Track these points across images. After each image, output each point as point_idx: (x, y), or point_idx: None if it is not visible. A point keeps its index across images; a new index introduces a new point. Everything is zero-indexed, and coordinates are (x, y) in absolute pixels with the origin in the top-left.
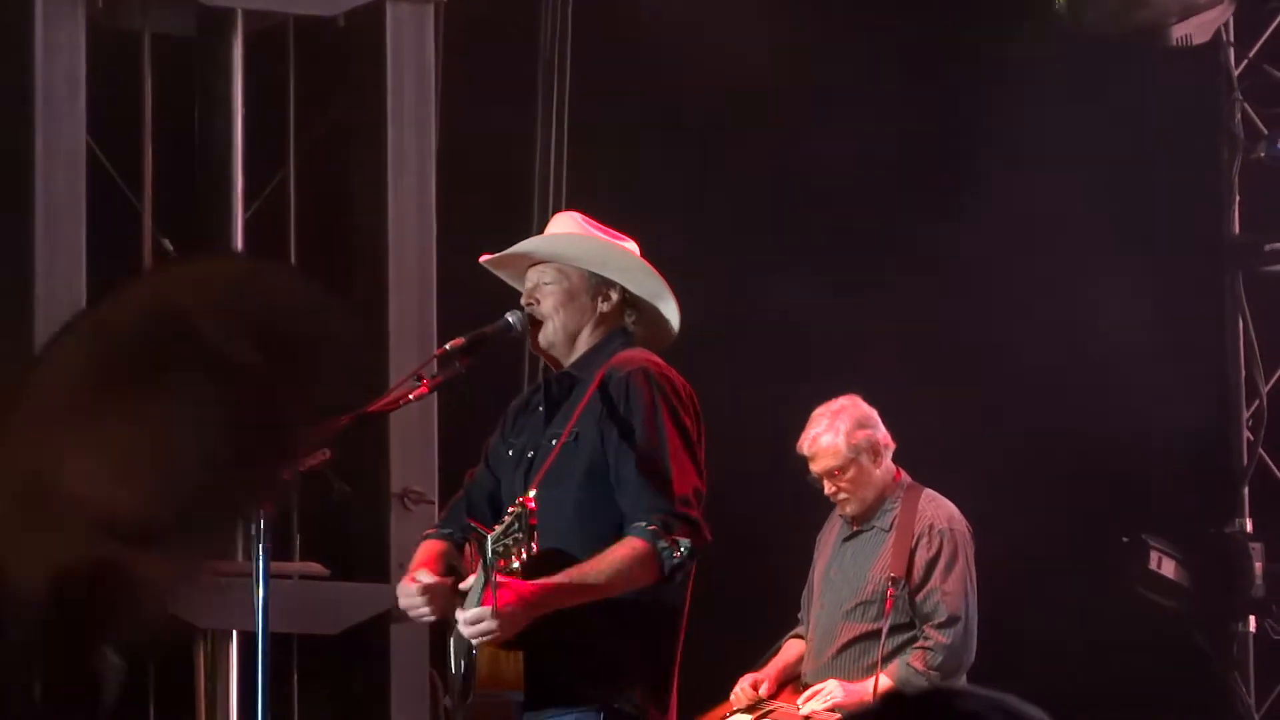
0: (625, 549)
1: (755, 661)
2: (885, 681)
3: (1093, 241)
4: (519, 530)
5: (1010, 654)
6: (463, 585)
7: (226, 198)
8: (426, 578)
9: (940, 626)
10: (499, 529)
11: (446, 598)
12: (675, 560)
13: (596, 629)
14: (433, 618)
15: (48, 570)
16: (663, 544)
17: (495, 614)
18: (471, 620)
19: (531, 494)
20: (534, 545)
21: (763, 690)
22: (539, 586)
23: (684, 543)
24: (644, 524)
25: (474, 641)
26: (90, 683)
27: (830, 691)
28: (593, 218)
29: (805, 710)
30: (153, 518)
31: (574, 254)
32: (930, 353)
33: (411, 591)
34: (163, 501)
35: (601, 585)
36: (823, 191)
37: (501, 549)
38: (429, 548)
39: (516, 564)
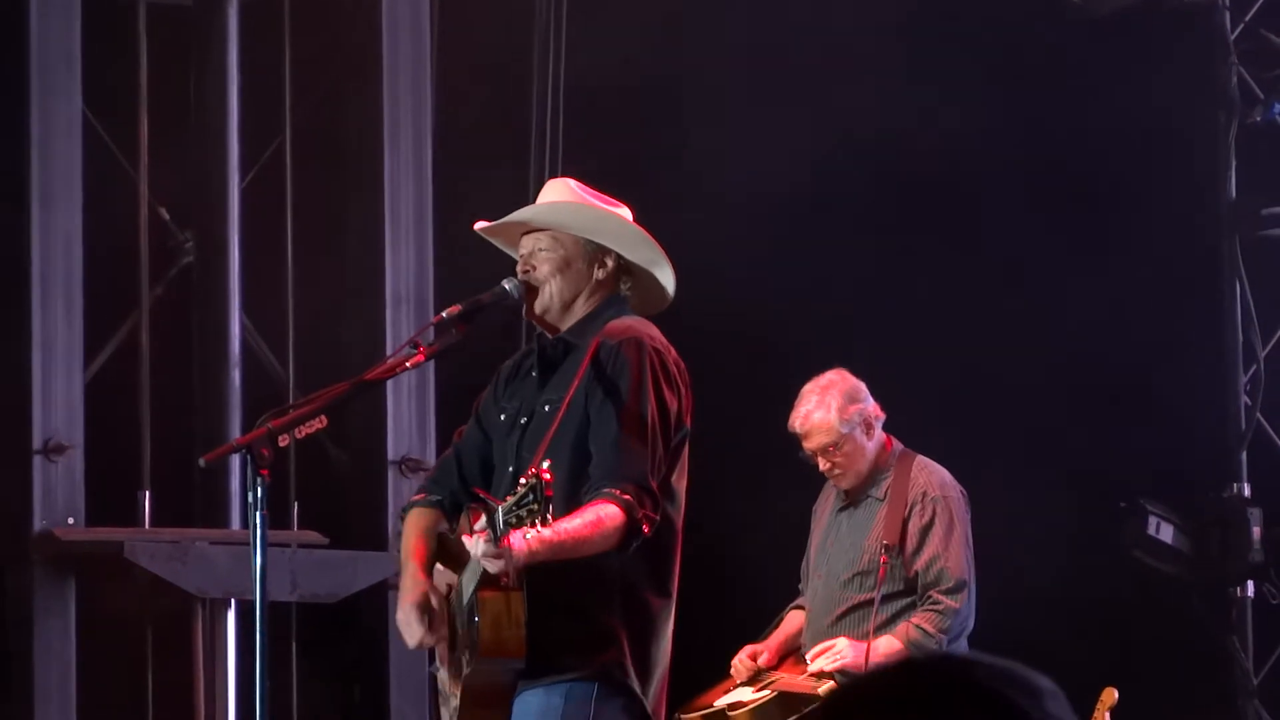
0: (605, 512)
1: (756, 636)
2: (892, 643)
3: (1089, 206)
4: (534, 501)
5: (1008, 620)
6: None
7: (223, 167)
8: (432, 602)
9: (949, 592)
10: (511, 500)
11: (442, 628)
12: (643, 534)
13: (588, 596)
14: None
15: None
16: (636, 515)
17: (508, 551)
18: (489, 553)
19: (546, 465)
20: (549, 516)
21: (762, 660)
22: (539, 536)
23: (654, 518)
24: (618, 490)
25: (483, 564)
26: None
27: (839, 651)
28: (588, 183)
29: (814, 667)
30: None
31: (569, 221)
32: (923, 317)
33: (415, 628)
34: None
35: (584, 544)
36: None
37: (515, 520)
38: (418, 524)
39: (531, 534)
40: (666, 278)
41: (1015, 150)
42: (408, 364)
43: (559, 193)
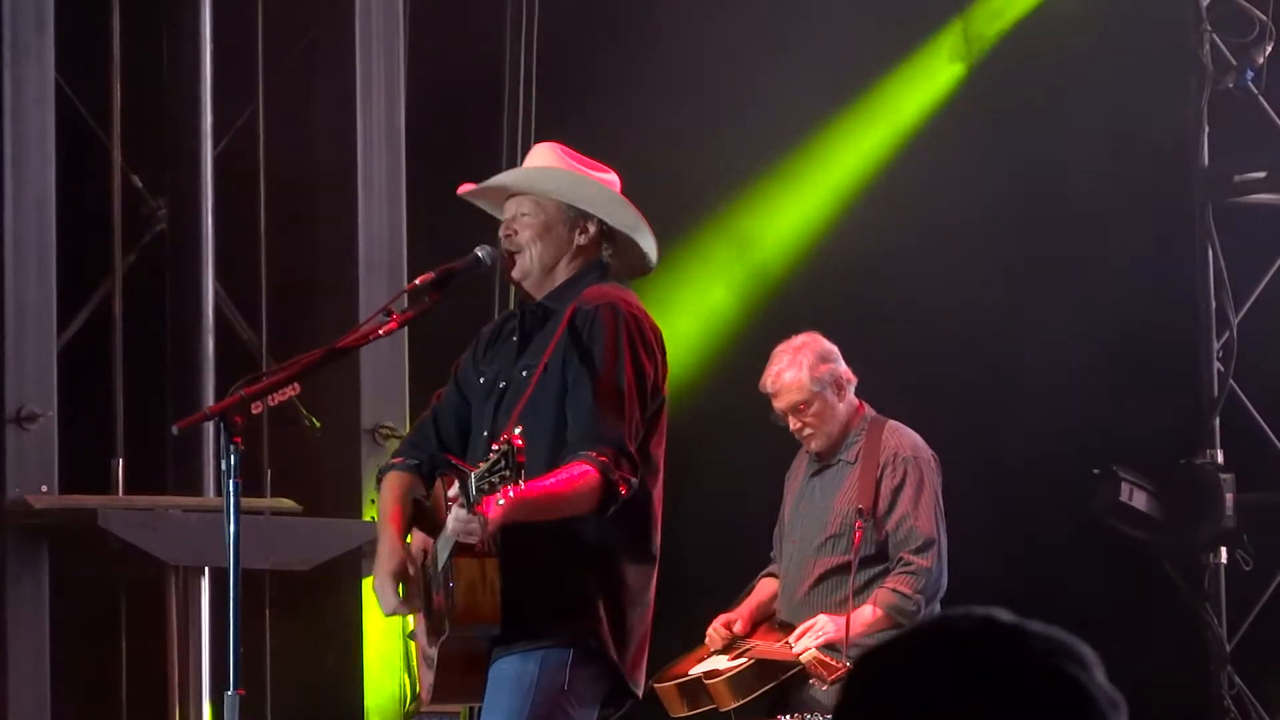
0: (579, 474)
1: (730, 604)
2: (872, 610)
3: (1061, 174)
4: (506, 468)
5: (980, 586)
6: (451, 490)
7: (196, 133)
8: (409, 570)
9: (918, 551)
10: (483, 466)
11: (416, 599)
12: (620, 496)
13: (562, 563)
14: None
15: None
16: (612, 477)
17: (481, 519)
18: (461, 520)
19: (518, 431)
20: (521, 483)
21: (736, 629)
22: (509, 498)
23: (632, 481)
24: (594, 453)
25: (456, 540)
26: None
27: (821, 626)
28: (567, 145)
29: (798, 648)
30: None
31: (550, 187)
32: (893, 284)
33: (390, 597)
34: None
35: (557, 502)
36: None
37: (487, 486)
38: (394, 487)
39: (503, 501)
40: (648, 243)
41: (986, 115)
42: (381, 331)
43: (544, 158)
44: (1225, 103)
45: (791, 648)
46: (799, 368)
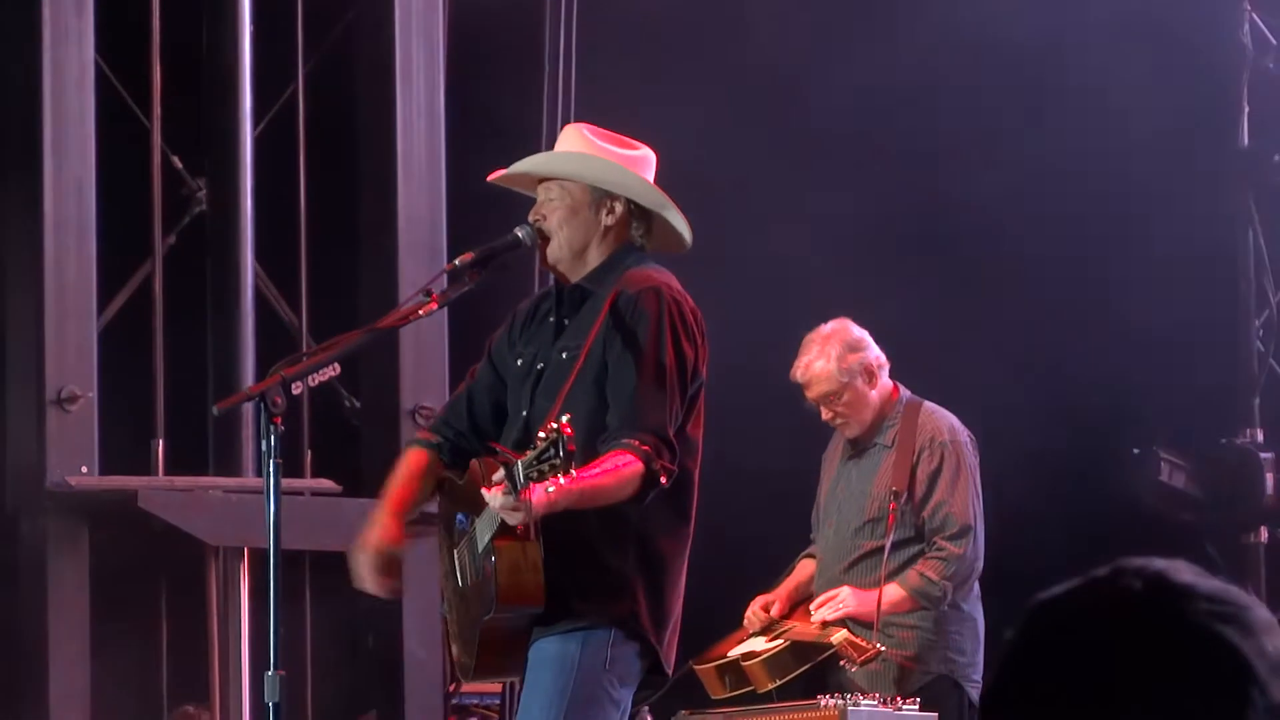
0: (624, 464)
1: (769, 585)
2: (897, 590)
3: (1102, 154)
4: (556, 456)
5: (1017, 567)
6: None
7: (236, 115)
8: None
9: (952, 538)
10: (532, 454)
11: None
12: (661, 485)
13: (604, 544)
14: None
15: None
16: (654, 466)
17: (527, 504)
18: (506, 505)
19: (566, 419)
20: (573, 470)
21: (774, 611)
22: (558, 485)
23: (672, 470)
24: (636, 441)
25: (503, 517)
26: None
27: (842, 599)
28: (603, 127)
29: (816, 618)
30: None
31: (572, 170)
32: (933, 259)
33: (364, 575)
34: None
35: (602, 493)
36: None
37: (535, 474)
38: (409, 466)
39: (552, 488)
40: (678, 221)
41: (1023, 90)
42: (421, 312)
43: (570, 141)
44: (1265, 82)
45: (823, 628)
46: (828, 358)
